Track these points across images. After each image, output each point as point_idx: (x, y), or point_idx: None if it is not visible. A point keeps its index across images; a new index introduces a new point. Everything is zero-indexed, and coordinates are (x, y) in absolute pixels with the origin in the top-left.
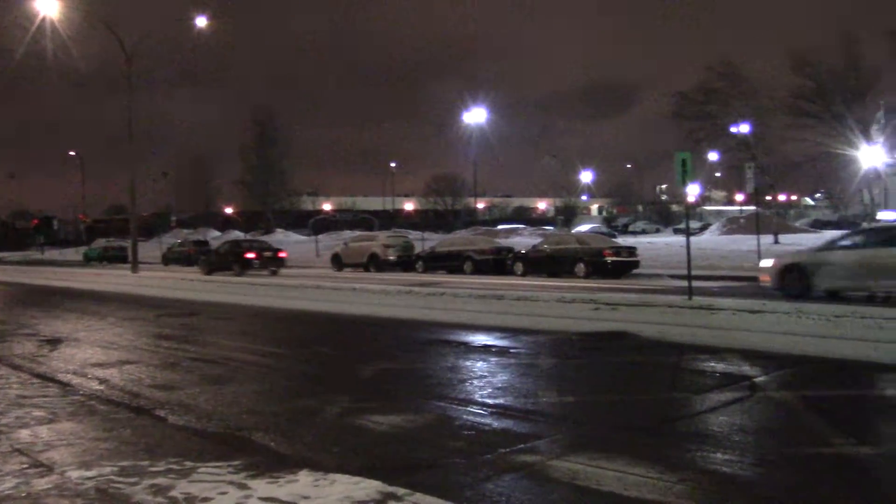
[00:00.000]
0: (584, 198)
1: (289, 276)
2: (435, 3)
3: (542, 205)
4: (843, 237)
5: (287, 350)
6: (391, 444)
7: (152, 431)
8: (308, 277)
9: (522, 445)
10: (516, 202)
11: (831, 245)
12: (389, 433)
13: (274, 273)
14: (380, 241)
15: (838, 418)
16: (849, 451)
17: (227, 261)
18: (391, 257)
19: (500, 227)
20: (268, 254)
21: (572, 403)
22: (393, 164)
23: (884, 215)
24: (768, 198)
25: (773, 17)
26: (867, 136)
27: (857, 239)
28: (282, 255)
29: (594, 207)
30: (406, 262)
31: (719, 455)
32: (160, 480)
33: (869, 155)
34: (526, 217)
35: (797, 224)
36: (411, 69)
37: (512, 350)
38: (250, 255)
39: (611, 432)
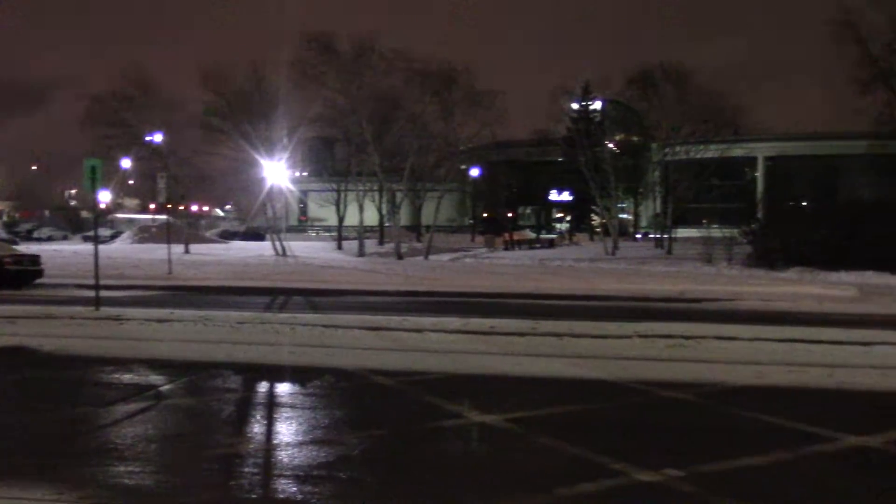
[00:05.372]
0: None
1: None
2: None
3: None
4: None
5: None
6: None
7: None
8: None
9: None
10: None
11: None
12: None
13: None
14: None
15: (234, 419)
16: (240, 448)
17: None
18: None
19: None
20: None
21: None
22: None
23: None
24: (181, 208)
25: (192, 33)
26: (272, 155)
27: None
28: None
29: None
30: None
31: (122, 467)
32: None
33: (273, 171)
34: None
35: (208, 234)
36: None
37: None
38: None
39: (4, 458)
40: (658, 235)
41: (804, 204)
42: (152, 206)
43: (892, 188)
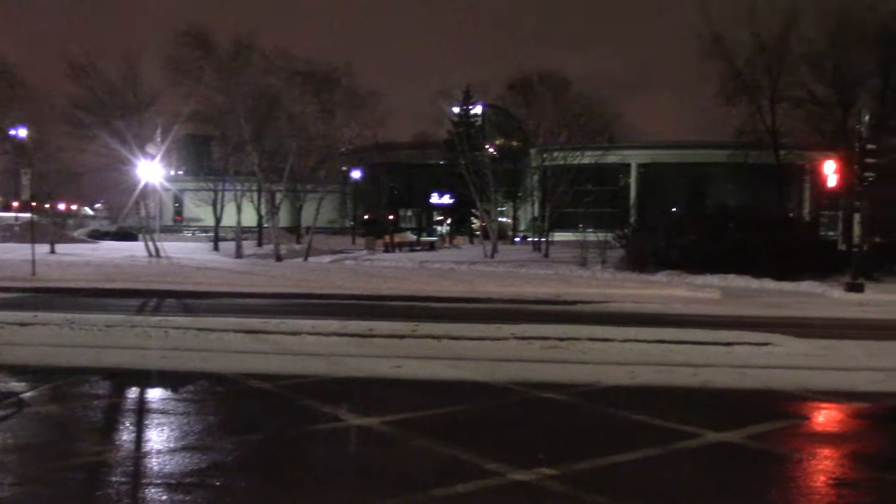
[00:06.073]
0: None
1: None
2: None
3: None
4: None
5: None
6: None
7: None
8: None
9: None
10: None
11: None
12: None
13: None
14: None
15: (102, 427)
16: (108, 457)
17: None
18: None
19: None
20: None
21: None
22: None
23: None
24: (46, 206)
25: (61, 22)
26: (145, 152)
27: None
28: None
29: None
30: None
31: None
32: None
33: (146, 170)
34: None
35: (76, 234)
36: None
37: None
38: None
39: None
40: (536, 239)
41: (674, 209)
42: (15, 203)
43: (753, 195)
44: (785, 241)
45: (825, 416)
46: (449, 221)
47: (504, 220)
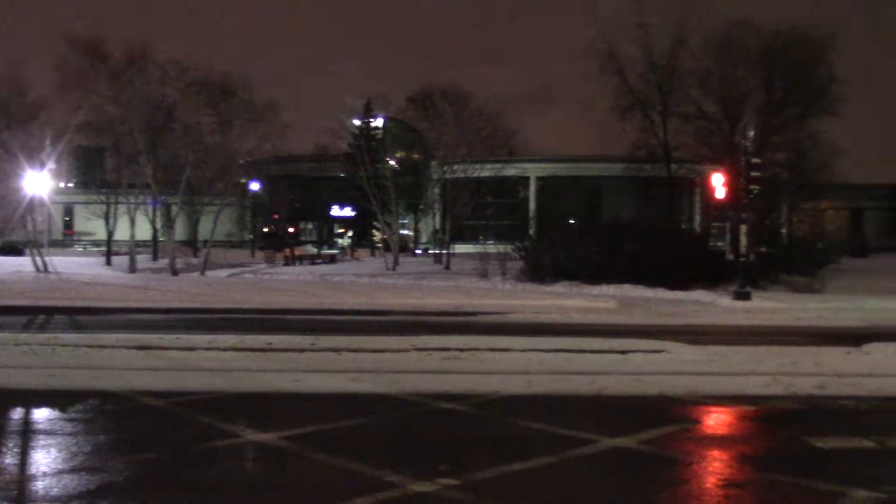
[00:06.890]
0: None
1: None
2: None
3: None
4: None
5: None
6: None
7: None
8: None
9: None
10: None
11: None
12: None
13: None
14: None
15: None
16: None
17: None
18: None
19: None
20: None
21: None
22: None
23: None
24: None
25: None
26: (32, 164)
27: None
28: None
29: None
30: None
31: None
32: None
33: (34, 182)
34: None
35: None
36: None
37: None
38: None
39: None
40: (437, 251)
41: (572, 221)
42: None
43: (647, 207)
44: (677, 252)
45: (715, 420)
46: (350, 234)
47: (405, 232)
